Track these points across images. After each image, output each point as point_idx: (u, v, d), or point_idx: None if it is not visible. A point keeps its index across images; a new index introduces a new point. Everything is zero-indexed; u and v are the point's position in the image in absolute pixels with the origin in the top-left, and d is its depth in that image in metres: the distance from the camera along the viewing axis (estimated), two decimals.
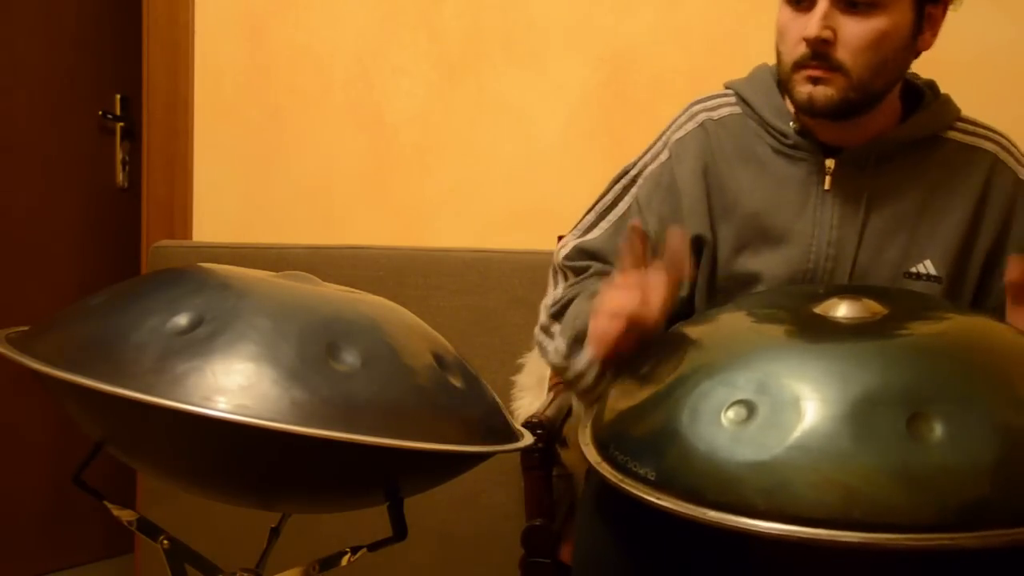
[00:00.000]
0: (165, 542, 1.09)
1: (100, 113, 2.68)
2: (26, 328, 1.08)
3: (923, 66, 1.93)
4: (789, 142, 1.29)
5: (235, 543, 1.57)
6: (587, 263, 1.36)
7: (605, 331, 1.10)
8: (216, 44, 2.26)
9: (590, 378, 1.21)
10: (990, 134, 1.32)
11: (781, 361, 0.94)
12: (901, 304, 1.05)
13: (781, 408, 0.89)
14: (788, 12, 1.22)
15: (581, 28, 2.06)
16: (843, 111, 1.22)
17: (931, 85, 1.35)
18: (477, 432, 1.05)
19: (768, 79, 1.34)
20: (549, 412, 1.58)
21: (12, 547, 2.53)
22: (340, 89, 2.19)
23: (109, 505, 1.10)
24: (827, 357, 0.94)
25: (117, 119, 2.70)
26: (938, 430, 0.85)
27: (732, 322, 1.07)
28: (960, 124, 1.31)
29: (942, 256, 1.25)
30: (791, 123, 1.29)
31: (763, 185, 1.29)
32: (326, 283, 1.15)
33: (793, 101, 1.24)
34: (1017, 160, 1.31)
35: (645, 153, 1.39)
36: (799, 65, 1.21)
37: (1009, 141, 1.32)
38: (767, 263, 1.28)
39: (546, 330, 1.35)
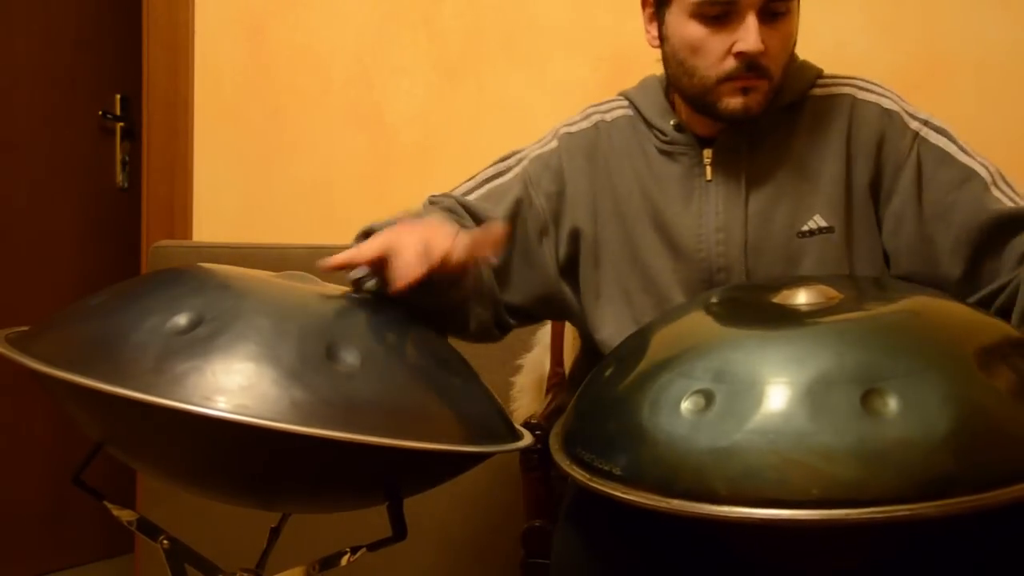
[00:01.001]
0: (165, 542, 1.09)
1: (100, 113, 2.68)
2: (26, 328, 1.08)
3: (924, 65, 1.93)
4: (667, 138, 1.33)
5: (235, 543, 1.57)
6: (441, 200, 1.38)
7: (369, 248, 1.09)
8: (216, 44, 2.26)
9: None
10: (847, 79, 1.34)
11: (737, 349, 0.96)
12: (857, 288, 1.08)
13: (738, 394, 0.90)
14: (701, 29, 1.23)
15: (581, 28, 2.06)
16: (766, 112, 1.26)
17: None
18: (477, 432, 1.05)
19: (656, 85, 1.39)
20: (548, 412, 1.58)
21: (12, 547, 2.53)
22: (340, 89, 2.19)
23: (109, 505, 1.10)
24: (782, 342, 0.95)
25: (117, 119, 2.70)
26: (892, 404, 0.86)
27: (690, 319, 1.09)
28: (821, 81, 1.34)
29: (828, 206, 1.28)
30: (671, 121, 1.33)
31: (650, 185, 1.33)
32: (326, 283, 1.16)
33: (719, 111, 1.25)
34: (877, 92, 1.33)
35: (533, 144, 1.43)
36: (728, 78, 1.23)
37: (867, 80, 1.35)
38: (662, 260, 1.31)
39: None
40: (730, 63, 1.22)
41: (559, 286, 1.37)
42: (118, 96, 2.70)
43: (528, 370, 1.81)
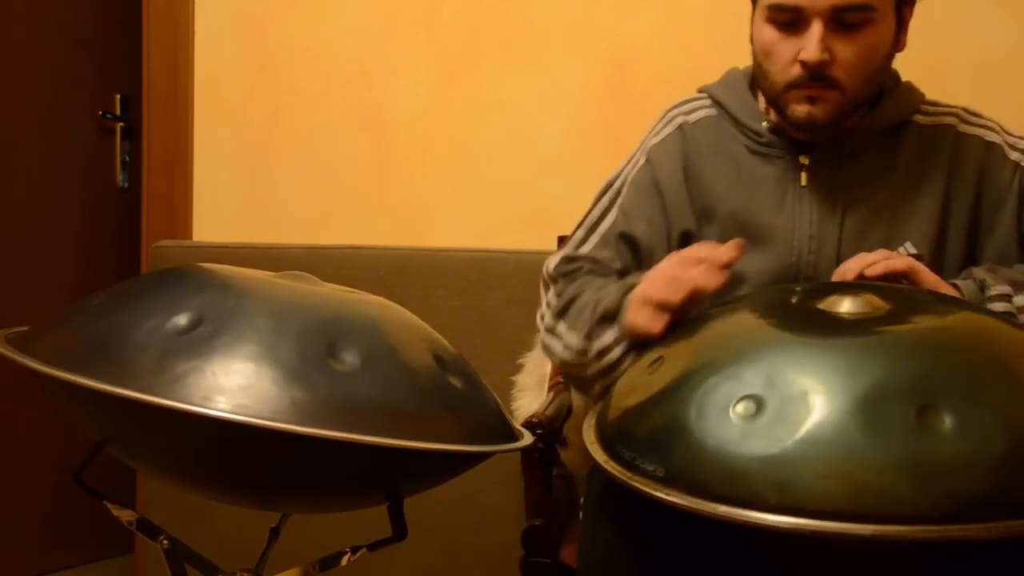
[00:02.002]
0: (165, 542, 1.09)
1: (100, 113, 2.68)
2: (26, 328, 1.08)
3: (926, 66, 1.93)
4: (763, 140, 1.31)
5: (235, 543, 1.57)
6: (576, 266, 1.37)
7: (667, 298, 1.13)
8: (216, 44, 2.26)
9: (616, 354, 1.23)
10: (950, 109, 1.34)
11: (788, 356, 0.95)
12: (904, 299, 1.06)
13: (790, 402, 0.89)
14: (773, 32, 1.23)
15: (581, 28, 2.06)
16: (839, 123, 1.25)
17: (892, 75, 1.36)
18: (477, 432, 1.05)
19: (741, 81, 1.37)
20: (549, 412, 1.58)
21: (12, 547, 2.53)
22: (340, 89, 2.19)
23: (109, 505, 1.10)
24: (833, 351, 0.94)
25: (117, 119, 2.70)
26: (948, 422, 0.85)
27: (736, 319, 1.07)
28: (924, 107, 1.34)
29: (921, 235, 1.28)
30: (763, 123, 1.32)
31: (740, 185, 1.31)
32: (326, 283, 1.16)
33: (787, 119, 1.26)
34: (980, 125, 1.33)
35: (626, 164, 1.42)
36: (794, 85, 1.23)
37: (970, 111, 1.34)
38: (750, 262, 1.29)
39: (552, 331, 1.36)
40: (795, 70, 1.22)
41: None
42: (118, 96, 2.70)
43: (529, 370, 1.81)
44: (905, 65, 1.37)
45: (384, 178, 2.18)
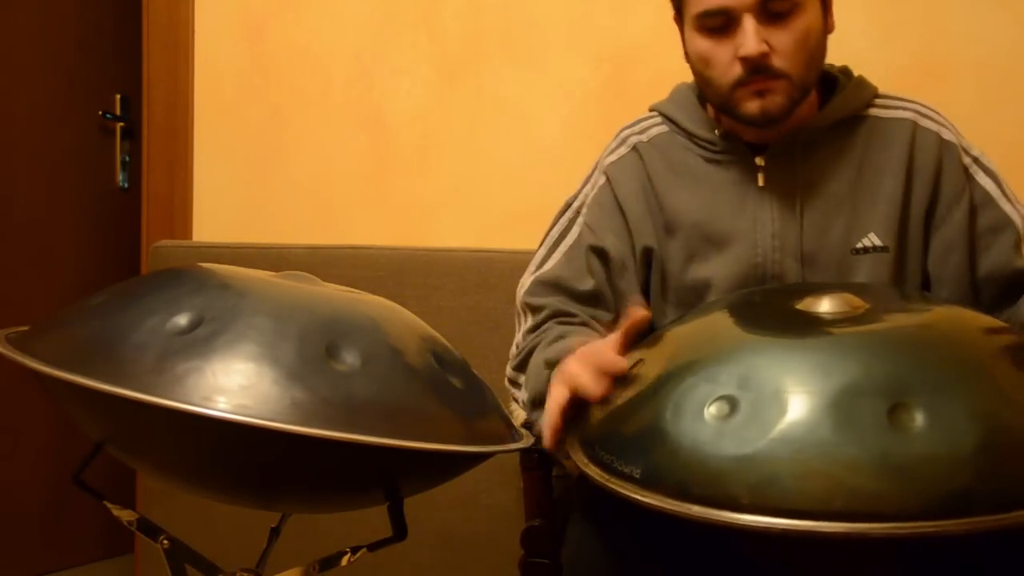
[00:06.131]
0: (165, 542, 1.09)
1: (100, 113, 2.69)
2: (26, 328, 1.08)
3: (924, 65, 1.93)
4: (717, 148, 1.33)
5: (235, 543, 1.57)
6: (544, 300, 1.39)
7: (556, 401, 1.08)
8: (216, 44, 2.26)
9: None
10: (907, 104, 1.35)
11: (763, 356, 0.95)
12: (882, 298, 1.06)
13: (763, 402, 0.89)
14: (705, 41, 1.25)
15: (581, 28, 2.06)
16: (791, 112, 1.26)
17: (844, 71, 1.38)
18: (477, 432, 1.05)
19: (688, 94, 1.40)
20: None
21: (12, 547, 2.54)
22: (340, 89, 2.19)
23: (109, 505, 1.10)
24: (808, 350, 0.95)
25: (117, 119, 2.70)
26: (919, 419, 0.85)
27: (714, 321, 1.08)
28: (879, 100, 1.34)
29: (884, 226, 1.28)
30: (715, 130, 1.33)
31: (700, 195, 1.33)
32: (326, 283, 1.16)
33: (741, 119, 1.26)
34: (937, 122, 1.34)
35: (584, 185, 1.44)
36: (740, 84, 1.24)
37: (927, 107, 1.35)
38: (716, 268, 1.31)
39: (513, 382, 1.39)
40: (736, 69, 1.23)
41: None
42: (118, 96, 2.71)
43: None
44: (905, 65, 1.37)
45: (384, 178, 2.18)
